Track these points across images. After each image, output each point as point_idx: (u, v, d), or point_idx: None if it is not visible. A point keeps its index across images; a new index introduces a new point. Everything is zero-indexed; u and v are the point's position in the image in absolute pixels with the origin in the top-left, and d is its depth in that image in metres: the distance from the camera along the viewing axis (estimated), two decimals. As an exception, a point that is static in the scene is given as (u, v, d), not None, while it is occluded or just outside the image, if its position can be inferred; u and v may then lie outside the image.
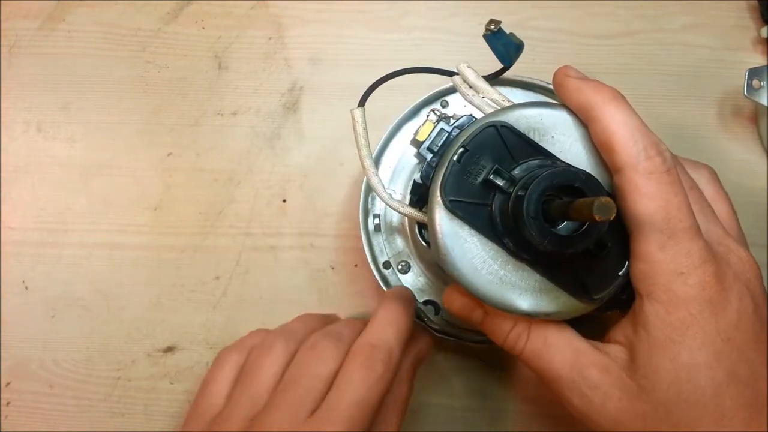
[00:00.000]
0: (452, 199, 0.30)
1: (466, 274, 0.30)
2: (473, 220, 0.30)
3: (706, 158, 0.44)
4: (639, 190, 0.28)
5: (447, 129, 0.32)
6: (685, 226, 0.28)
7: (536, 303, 0.30)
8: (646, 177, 0.28)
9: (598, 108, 0.29)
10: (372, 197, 0.41)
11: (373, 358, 0.31)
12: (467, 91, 0.33)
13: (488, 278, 0.30)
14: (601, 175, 0.30)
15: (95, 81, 0.45)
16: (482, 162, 0.30)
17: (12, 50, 0.45)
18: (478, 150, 0.30)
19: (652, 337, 0.28)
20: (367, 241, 0.40)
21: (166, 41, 0.45)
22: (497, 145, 0.30)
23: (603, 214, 0.24)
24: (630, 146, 0.28)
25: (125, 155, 0.44)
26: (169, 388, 0.42)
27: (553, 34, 0.45)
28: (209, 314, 0.43)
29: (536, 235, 0.27)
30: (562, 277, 0.30)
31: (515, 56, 0.33)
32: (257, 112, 0.45)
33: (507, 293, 0.30)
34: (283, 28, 0.45)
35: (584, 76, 0.30)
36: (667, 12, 0.46)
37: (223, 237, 0.43)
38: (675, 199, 0.28)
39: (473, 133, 0.30)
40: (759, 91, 0.40)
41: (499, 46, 0.33)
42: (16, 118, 0.45)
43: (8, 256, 0.43)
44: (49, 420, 0.42)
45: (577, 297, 0.30)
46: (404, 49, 0.45)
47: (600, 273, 0.30)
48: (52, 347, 0.42)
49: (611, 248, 0.30)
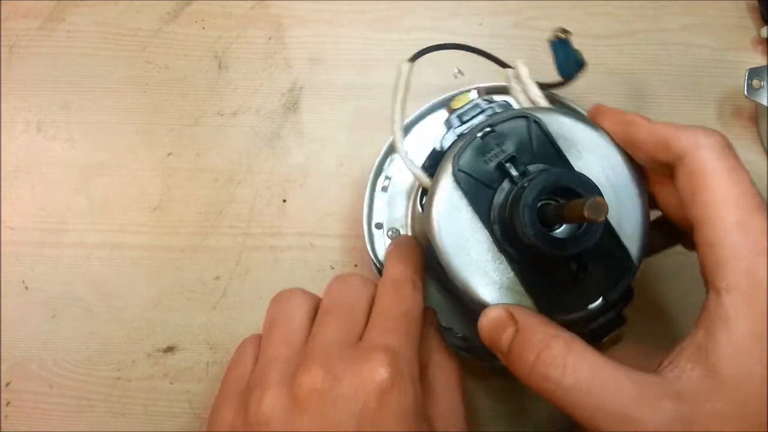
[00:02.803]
0: (462, 170, 0.30)
1: (447, 245, 0.30)
2: (473, 198, 0.30)
3: (706, 158, 0.44)
4: (709, 170, 0.25)
5: (482, 105, 0.32)
6: (757, 203, 0.25)
7: (497, 298, 0.30)
8: (715, 155, 0.26)
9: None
10: (390, 160, 0.41)
11: (400, 285, 0.31)
12: (516, 86, 0.34)
13: (465, 257, 0.30)
14: (614, 203, 0.30)
15: (95, 81, 0.45)
16: (503, 147, 0.30)
17: (12, 50, 0.45)
18: (504, 135, 0.30)
19: (736, 335, 0.23)
20: (369, 196, 0.40)
21: (166, 41, 0.45)
22: (523, 136, 0.30)
23: (595, 213, 0.24)
24: (689, 133, 0.26)
25: (125, 155, 0.44)
26: (169, 388, 0.42)
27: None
28: (209, 314, 0.43)
29: (527, 225, 0.27)
30: (534, 284, 0.30)
31: (575, 71, 0.33)
32: (257, 112, 0.45)
33: (475, 277, 0.30)
34: (283, 28, 0.45)
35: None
36: (667, 12, 0.46)
37: (223, 237, 0.43)
38: (745, 175, 0.25)
39: (505, 117, 0.30)
40: (759, 91, 0.40)
41: (561, 55, 0.33)
42: (16, 118, 0.45)
43: (8, 256, 0.43)
44: (49, 420, 0.42)
45: (538, 309, 0.30)
46: (404, 49, 0.45)
47: (571, 296, 0.30)
48: (52, 347, 0.42)
49: (591, 277, 0.30)
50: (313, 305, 0.33)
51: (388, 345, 0.29)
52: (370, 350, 0.28)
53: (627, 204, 0.30)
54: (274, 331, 0.32)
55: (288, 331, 0.31)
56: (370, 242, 0.40)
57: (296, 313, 0.32)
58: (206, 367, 0.42)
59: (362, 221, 0.40)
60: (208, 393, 0.42)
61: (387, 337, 0.29)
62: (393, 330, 0.30)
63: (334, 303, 0.32)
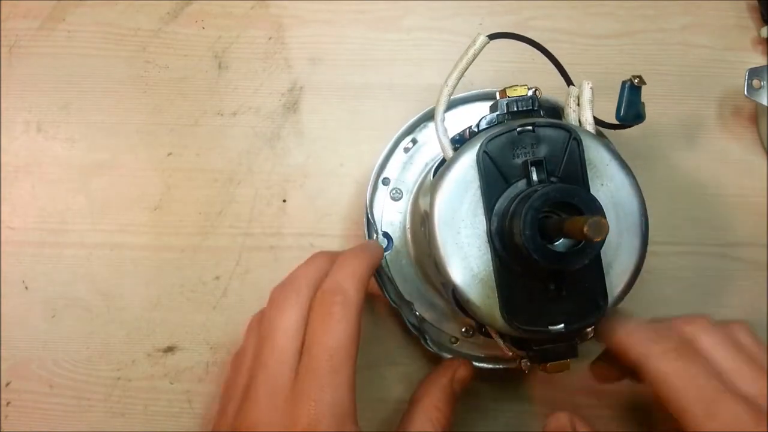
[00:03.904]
0: (488, 153, 0.30)
1: (442, 215, 0.30)
2: (487, 183, 0.30)
3: (707, 158, 0.44)
4: (663, 378, 0.30)
5: (534, 103, 0.32)
6: (717, 388, 0.30)
7: (466, 284, 0.30)
8: (666, 361, 0.31)
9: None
10: (423, 126, 0.41)
11: (327, 303, 0.31)
12: (572, 103, 0.34)
13: (453, 234, 0.30)
14: (613, 244, 0.31)
15: (95, 81, 0.45)
16: (535, 149, 0.30)
17: (12, 50, 0.45)
18: (541, 138, 0.30)
19: None
20: (390, 149, 0.40)
21: (166, 41, 0.45)
22: (558, 148, 0.30)
23: (594, 231, 0.25)
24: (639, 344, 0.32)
25: (125, 155, 0.44)
26: (169, 388, 0.42)
27: (553, 34, 0.45)
28: (209, 314, 0.43)
29: (527, 226, 0.27)
30: (507, 286, 0.30)
31: (631, 120, 0.34)
32: (257, 112, 0.45)
33: (455, 257, 0.30)
34: (283, 28, 0.45)
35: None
36: (667, 12, 0.46)
37: (223, 237, 0.43)
38: (699, 367, 0.30)
39: (549, 122, 0.31)
40: (759, 91, 0.40)
41: (627, 99, 0.34)
42: (16, 118, 0.45)
43: (8, 256, 0.43)
44: (49, 420, 0.42)
45: (501, 310, 0.30)
46: (404, 49, 0.45)
47: (536, 312, 0.30)
48: (52, 347, 0.42)
49: (562, 301, 0.30)
50: (307, 306, 0.33)
51: (316, 398, 0.30)
52: (297, 402, 0.30)
53: (625, 251, 0.31)
54: (264, 351, 0.32)
55: (273, 351, 0.32)
56: (371, 195, 0.40)
57: (285, 327, 0.32)
58: (206, 367, 0.42)
59: (372, 171, 0.40)
60: (208, 393, 0.42)
61: (314, 387, 0.30)
62: (326, 370, 0.30)
63: (269, 332, 0.32)
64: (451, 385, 0.36)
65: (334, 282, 0.32)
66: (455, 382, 0.36)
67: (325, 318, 0.31)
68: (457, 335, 0.40)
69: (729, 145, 0.44)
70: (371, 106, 0.44)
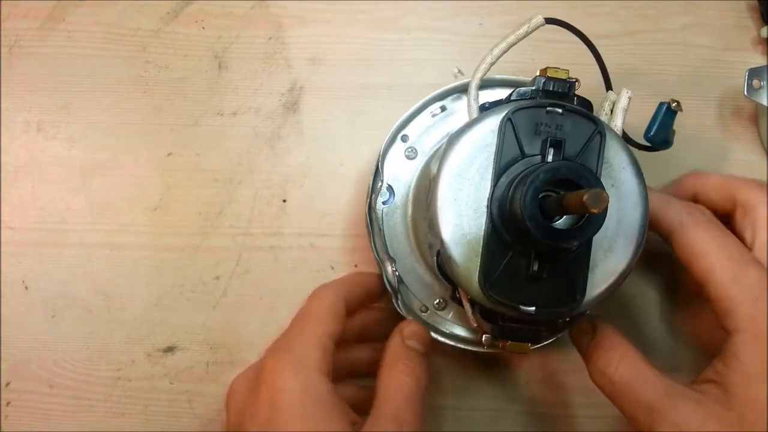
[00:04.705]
0: (512, 121, 0.31)
1: (451, 165, 0.31)
2: (502, 150, 0.31)
3: (706, 158, 0.44)
4: (695, 242, 0.31)
5: (570, 89, 0.33)
6: (747, 259, 0.31)
7: (454, 241, 0.30)
8: (699, 230, 0.32)
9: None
10: (455, 97, 0.41)
11: (319, 296, 0.35)
12: (606, 107, 0.35)
13: (454, 190, 0.31)
14: (607, 247, 0.31)
15: (95, 81, 0.45)
16: (558, 131, 0.31)
17: (12, 50, 0.45)
18: (567, 122, 0.31)
19: (746, 367, 0.29)
20: (417, 109, 0.40)
21: (166, 41, 0.45)
22: (581, 136, 0.31)
23: (594, 203, 0.25)
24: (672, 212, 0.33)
25: (125, 155, 0.44)
26: (169, 388, 0.42)
27: (553, 34, 0.45)
28: (209, 314, 0.43)
29: (528, 197, 0.28)
30: (492, 255, 0.30)
31: (657, 141, 0.35)
32: (257, 112, 0.45)
33: (450, 212, 0.31)
34: (283, 28, 0.45)
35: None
36: (667, 12, 0.46)
37: (223, 237, 0.43)
38: (729, 238, 0.31)
39: (579, 110, 0.31)
40: (759, 91, 0.40)
41: (660, 120, 0.35)
42: (16, 118, 0.45)
43: (8, 256, 0.43)
44: (49, 420, 0.42)
45: (479, 275, 0.30)
46: (404, 49, 0.45)
47: (512, 287, 0.30)
48: (52, 347, 0.42)
49: (539, 285, 0.30)
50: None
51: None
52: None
53: (615, 256, 0.31)
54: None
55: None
56: (386, 145, 0.40)
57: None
58: (206, 367, 0.42)
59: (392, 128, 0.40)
60: (208, 393, 0.42)
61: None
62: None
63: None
64: (404, 343, 0.35)
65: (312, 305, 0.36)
66: (407, 339, 0.35)
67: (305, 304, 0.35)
68: (428, 305, 0.40)
69: (729, 145, 0.44)
70: (371, 106, 0.44)
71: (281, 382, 0.31)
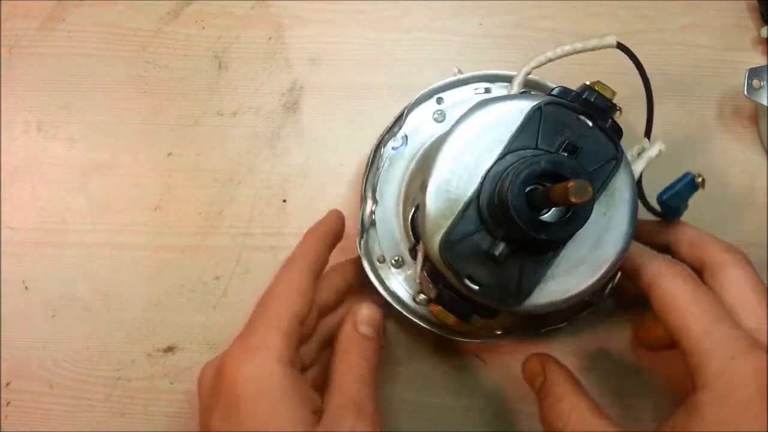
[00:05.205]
0: (542, 111, 0.31)
1: (470, 127, 0.32)
2: (522, 132, 0.31)
3: (707, 158, 0.44)
4: (672, 293, 0.31)
5: (607, 110, 0.33)
6: (722, 315, 0.31)
7: (436, 193, 0.31)
8: (672, 283, 0.32)
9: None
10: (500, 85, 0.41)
11: (283, 274, 0.35)
12: (634, 151, 0.36)
13: (463, 147, 0.31)
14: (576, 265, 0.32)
15: (95, 81, 0.45)
16: (578, 140, 0.31)
17: (12, 50, 0.45)
18: (589, 137, 0.32)
19: (709, 425, 0.29)
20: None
21: (166, 41, 0.45)
22: (597, 154, 0.32)
23: (578, 194, 0.25)
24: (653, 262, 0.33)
25: (125, 155, 0.44)
26: (169, 388, 0.42)
27: (553, 34, 0.45)
28: (209, 314, 0.43)
29: (514, 191, 0.28)
30: (466, 223, 0.31)
31: (667, 208, 0.35)
32: (257, 112, 0.45)
33: (446, 163, 0.31)
34: (283, 28, 0.45)
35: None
36: (667, 12, 0.46)
37: (223, 237, 0.43)
38: (705, 295, 0.31)
39: (606, 130, 0.32)
40: (759, 91, 0.40)
41: (679, 189, 0.34)
42: (16, 118, 0.45)
43: (8, 256, 0.43)
44: (49, 420, 0.42)
45: (444, 234, 0.31)
46: (404, 49, 0.45)
47: (470, 262, 0.31)
48: (52, 347, 0.42)
49: (493, 273, 0.31)
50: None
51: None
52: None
53: (574, 278, 0.32)
54: None
55: None
56: (418, 98, 0.40)
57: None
58: (206, 367, 0.42)
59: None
60: (208, 393, 0.42)
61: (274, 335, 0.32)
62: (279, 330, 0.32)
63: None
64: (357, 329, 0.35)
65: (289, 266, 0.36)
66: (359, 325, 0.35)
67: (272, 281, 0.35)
68: (387, 257, 0.40)
69: (729, 145, 0.44)
70: (371, 106, 0.44)
71: (237, 374, 0.30)
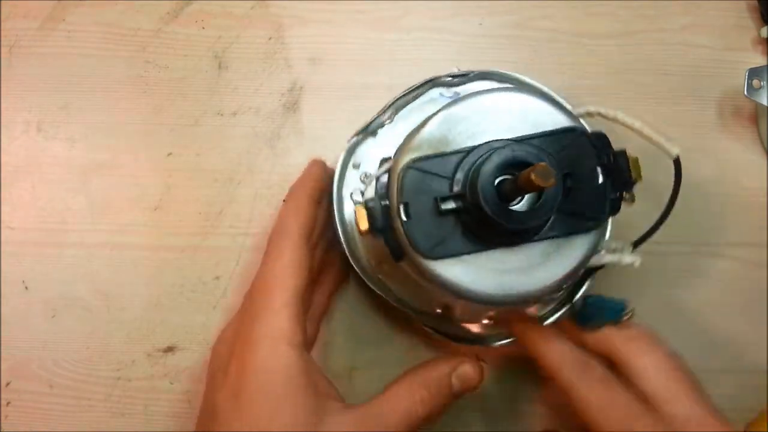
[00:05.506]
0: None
1: (476, 103, 0.32)
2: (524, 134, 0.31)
3: (707, 158, 0.44)
4: (589, 400, 0.33)
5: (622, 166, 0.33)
6: (638, 413, 0.32)
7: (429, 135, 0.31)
8: (588, 390, 0.33)
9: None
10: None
11: (278, 248, 0.34)
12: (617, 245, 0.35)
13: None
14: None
15: (95, 81, 0.45)
16: (579, 168, 0.31)
17: (12, 50, 0.45)
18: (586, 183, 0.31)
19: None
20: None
21: (166, 41, 0.45)
22: (591, 190, 0.31)
23: (541, 177, 0.26)
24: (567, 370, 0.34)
25: (125, 155, 0.44)
26: (169, 388, 0.42)
27: (552, 34, 0.45)
28: (209, 314, 0.43)
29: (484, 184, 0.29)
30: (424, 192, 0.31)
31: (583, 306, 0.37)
32: (257, 112, 0.45)
33: (449, 119, 0.31)
34: (283, 28, 0.45)
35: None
36: (667, 12, 0.46)
37: (223, 237, 0.43)
38: (620, 397, 0.33)
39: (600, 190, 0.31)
40: (759, 91, 0.40)
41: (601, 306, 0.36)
42: (16, 118, 0.45)
43: (8, 256, 0.43)
44: (49, 420, 0.42)
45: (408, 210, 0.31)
46: (404, 49, 0.45)
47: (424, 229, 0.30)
48: (52, 347, 0.42)
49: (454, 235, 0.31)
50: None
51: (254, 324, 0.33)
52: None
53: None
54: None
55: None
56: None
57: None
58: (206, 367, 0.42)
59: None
60: (208, 393, 0.42)
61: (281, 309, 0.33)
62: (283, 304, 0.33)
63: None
64: (449, 376, 0.34)
65: (282, 225, 0.36)
66: (456, 376, 0.35)
67: (273, 257, 0.34)
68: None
69: (729, 145, 0.44)
70: (371, 106, 0.44)
71: (252, 364, 0.31)
